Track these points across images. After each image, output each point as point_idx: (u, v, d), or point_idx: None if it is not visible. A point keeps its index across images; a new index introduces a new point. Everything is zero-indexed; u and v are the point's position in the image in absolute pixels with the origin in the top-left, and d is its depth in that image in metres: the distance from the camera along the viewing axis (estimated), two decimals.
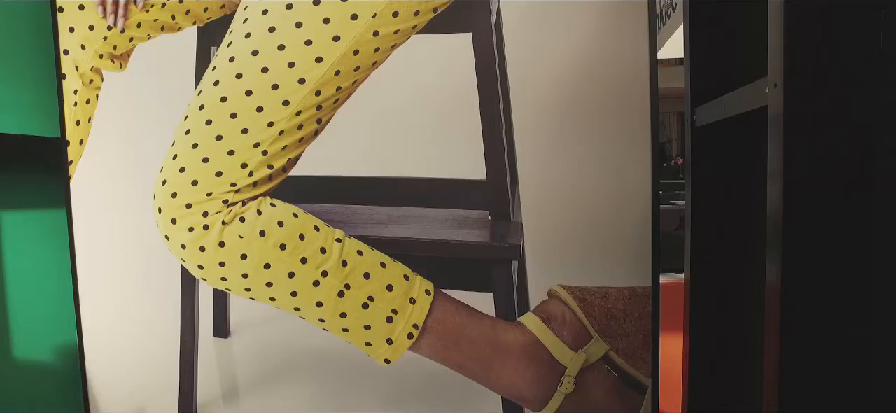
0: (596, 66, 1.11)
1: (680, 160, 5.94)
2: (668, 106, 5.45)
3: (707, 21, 1.14)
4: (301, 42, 1.09)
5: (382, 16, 1.07)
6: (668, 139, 5.72)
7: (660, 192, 1.18)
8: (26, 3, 1.42)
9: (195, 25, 1.21)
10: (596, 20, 1.10)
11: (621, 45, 1.10)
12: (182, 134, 1.16)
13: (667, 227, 2.74)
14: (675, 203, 3.42)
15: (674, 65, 5.44)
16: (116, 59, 1.25)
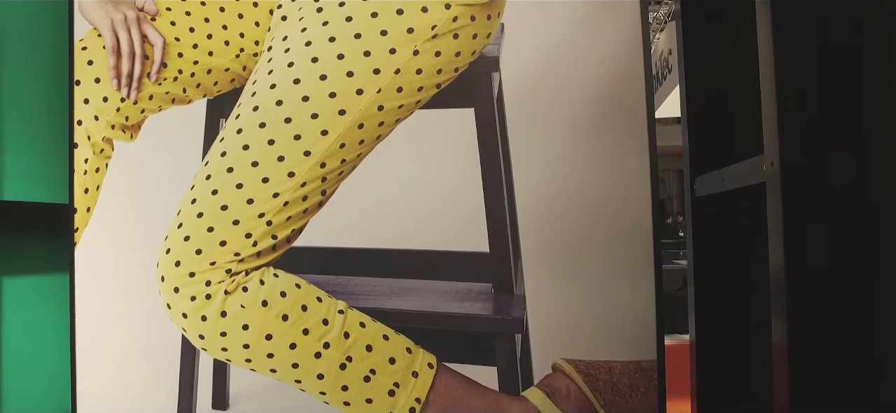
0: (595, 135, 1.13)
1: (680, 219, 5.95)
2: (667, 163, 5.53)
3: (702, 88, 1.17)
4: (307, 115, 1.12)
5: (387, 91, 1.10)
6: (669, 196, 5.75)
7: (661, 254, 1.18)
8: (44, 75, 1.47)
9: (205, 98, 1.24)
10: (595, 91, 1.13)
11: (619, 109, 1.13)
12: (188, 203, 1.17)
13: (670, 287, 2.71)
14: (676, 263, 3.40)
15: (672, 123, 5.53)
16: (127, 130, 1.28)
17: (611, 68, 1.16)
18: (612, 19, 1.16)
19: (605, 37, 1.16)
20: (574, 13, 1.14)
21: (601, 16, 1.15)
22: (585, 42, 1.15)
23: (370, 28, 1.10)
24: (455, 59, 1.11)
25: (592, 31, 1.15)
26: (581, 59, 1.15)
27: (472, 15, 1.11)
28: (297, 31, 1.13)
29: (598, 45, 1.15)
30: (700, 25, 1.19)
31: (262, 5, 1.22)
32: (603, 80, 1.14)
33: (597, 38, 1.14)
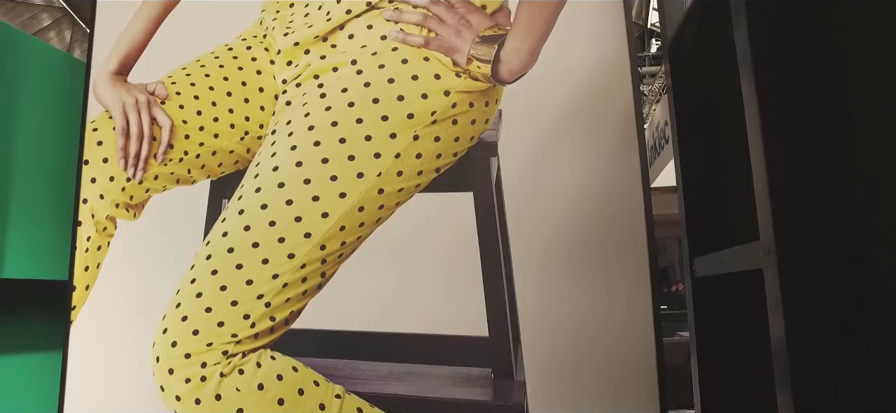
0: (593, 221, 1.14)
1: (681, 286, 5.90)
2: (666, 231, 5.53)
3: (697, 161, 1.19)
4: (308, 198, 1.13)
5: (387, 174, 1.13)
6: (670, 264, 5.73)
7: (663, 324, 1.17)
8: (54, 153, 1.51)
9: (208, 179, 1.27)
10: (592, 176, 1.15)
11: (616, 189, 1.15)
12: (187, 283, 1.17)
13: (674, 359, 2.65)
14: (680, 334, 3.34)
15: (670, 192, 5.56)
16: (131, 209, 1.30)
17: (607, 149, 1.19)
18: (607, 104, 1.20)
19: (601, 119, 1.19)
20: (570, 99, 1.18)
21: (597, 101, 1.19)
22: (582, 125, 1.18)
23: (371, 113, 1.13)
24: (454, 145, 1.14)
25: (589, 115, 1.19)
26: (578, 143, 1.18)
27: (471, 101, 1.14)
28: (300, 116, 1.16)
29: (596, 128, 1.19)
30: (691, 98, 1.24)
31: (267, 90, 1.26)
32: (600, 161, 1.16)
33: (594, 122, 1.18)
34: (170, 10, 1.36)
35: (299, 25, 1.23)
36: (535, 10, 1.14)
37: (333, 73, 1.17)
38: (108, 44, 1.36)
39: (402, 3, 1.18)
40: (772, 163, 0.78)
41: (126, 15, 1.36)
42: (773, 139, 0.79)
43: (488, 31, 1.15)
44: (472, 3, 1.17)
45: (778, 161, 0.78)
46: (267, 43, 1.28)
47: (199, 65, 1.29)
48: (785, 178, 0.77)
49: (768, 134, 0.79)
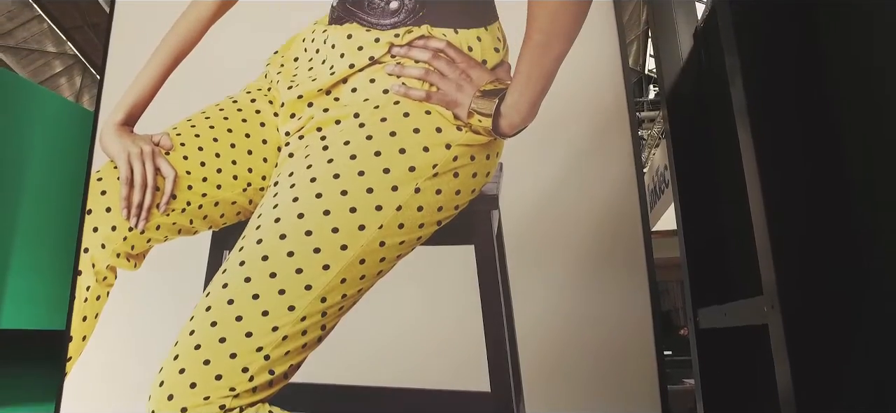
0: (594, 265, 1.14)
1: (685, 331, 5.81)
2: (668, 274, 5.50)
3: (697, 204, 1.20)
4: (310, 249, 1.13)
5: (389, 227, 1.13)
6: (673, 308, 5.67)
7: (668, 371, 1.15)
8: (58, 202, 1.52)
9: (210, 230, 1.27)
10: (594, 228, 1.15)
11: (617, 239, 1.14)
12: (186, 334, 1.16)
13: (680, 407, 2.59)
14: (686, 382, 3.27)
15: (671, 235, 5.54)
16: (132, 259, 1.30)
17: (606, 201, 1.19)
18: (606, 155, 1.21)
19: (601, 170, 1.20)
20: (569, 150, 1.19)
21: (597, 152, 1.20)
22: (583, 178, 1.19)
23: (373, 166, 1.14)
24: (455, 197, 1.15)
25: (589, 167, 1.20)
26: (578, 195, 1.18)
27: (472, 154, 1.16)
28: (302, 168, 1.17)
29: (595, 178, 1.19)
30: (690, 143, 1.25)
31: (270, 143, 1.28)
32: (599, 212, 1.17)
33: (593, 173, 1.19)
34: (178, 63, 1.39)
35: (303, 79, 1.26)
36: (534, 65, 1.16)
37: (336, 125, 1.19)
38: (117, 90, 1.39)
39: (404, 58, 1.21)
40: (772, 217, 0.78)
41: (136, 63, 1.39)
42: (773, 193, 0.79)
43: (489, 85, 1.17)
44: (472, 58, 1.19)
45: (778, 215, 0.78)
46: (271, 95, 1.31)
47: (204, 116, 1.31)
48: (786, 231, 0.77)
49: (767, 188, 0.80)
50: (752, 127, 0.83)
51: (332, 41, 1.26)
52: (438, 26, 1.21)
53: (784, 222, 0.79)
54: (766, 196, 0.80)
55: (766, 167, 0.81)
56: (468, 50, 1.19)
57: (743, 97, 0.86)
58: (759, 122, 0.82)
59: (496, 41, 1.21)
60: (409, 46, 1.21)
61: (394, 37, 1.22)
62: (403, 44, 1.21)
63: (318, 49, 1.27)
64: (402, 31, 1.22)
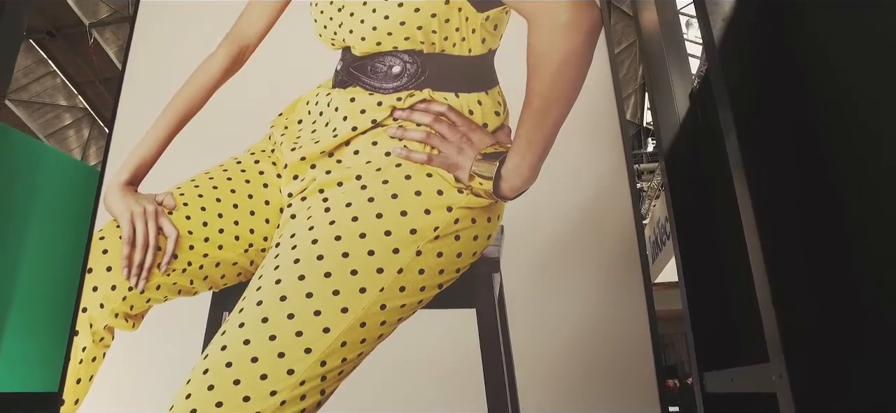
0: (597, 330, 1.12)
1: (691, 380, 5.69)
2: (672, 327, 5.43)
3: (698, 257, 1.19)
4: (310, 312, 1.12)
5: (390, 290, 1.12)
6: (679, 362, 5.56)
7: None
8: (57, 261, 1.52)
9: (210, 291, 1.27)
10: (595, 289, 1.14)
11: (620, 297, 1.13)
12: (182, 399, 1.13)
13: None
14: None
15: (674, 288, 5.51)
16: (131, 319, 1.29)
17: (608, 258, 1.18)
18: (607, 214, 1.21)
19: (601, 233, 1.20)
20: (571, 212, 1.20)
21: (597, 213, 1.21)
22: (584, 237, 1.19)
23: (375, 228, 1.14)
24: (457, 260, 1.15)
25: (590, 227, 1.20)
26: (580, 253, 1.18)
27: (473, 217, 1.16)
28: (304, 229, 1.18)
29: (596, 237, 1.19)
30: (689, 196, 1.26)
31: (273, 204, 1.29)
32: (602, 270, 1.16)
33: (594, 237, 1.19)
34: (184, 125, 1.42)
35: (306, 141, 1.28)
36: (534, 129, 1.18)
37: (338, 187, 1.20)
38: (124, 147, 1.41)
39: (406, 121, 1.23)
40: (773, 277, 0.78)
41: (145, 121, 1.42)
42: (772, 250, 0.79)
43: (490, 148, 1.19)
44: (473, 122, 1.21)
45: (779, 274, 0.78)
46: (275, 157, 1.32)
47: (208, 177, 1.33)
48: (787, 289, 0.77)
49: (766, 244, 0.80)
50: (749, 181, 0.84)
51: (335, 104, 1.29)
52: (440, 90, 1.24)
53: (785, 281, 0.78)
54: (766, 252, 0.80)
55: (764, 224, 0.81)
56: (469, 113, 1.21)
57: (738, 151, 0.87)
58: (756, 176, 0.84)
59: (497, 105, 1.23)
60: (411, 110, 1.23)
61: (396, 100, 1.24)
62: (405, 107, 1.24)
63: (321, 111, 1.30)
64: (404, 95, 1.25)
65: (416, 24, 1.28)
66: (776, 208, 0.81)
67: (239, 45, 1.45)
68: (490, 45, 1.28)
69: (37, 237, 1.53)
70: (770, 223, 0.80)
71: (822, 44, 0.87)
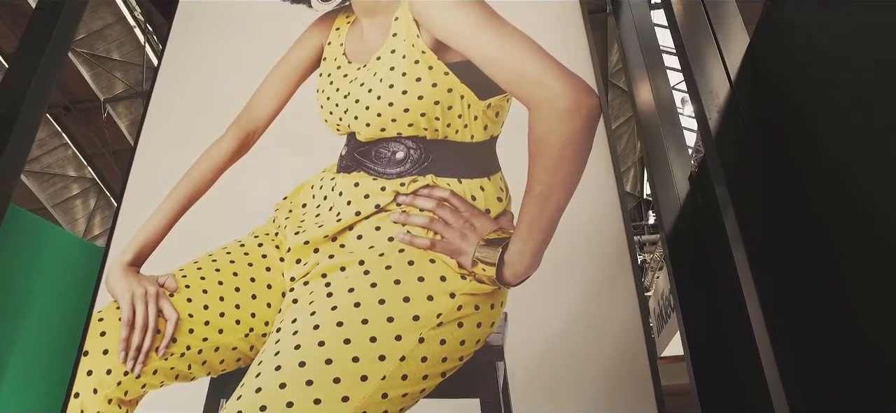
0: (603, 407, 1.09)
1: None
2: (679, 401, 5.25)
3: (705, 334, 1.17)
4: (310, 400, 1.09)
5: (392, 378, 1.10)
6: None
7: None
8: (54, 343, 1.49)
9: (208, 376, 1.24)
10: (602, 381, 1.11)
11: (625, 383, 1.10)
12: None
13: None
14: None
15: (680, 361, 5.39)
16: (124, 405, 1.25)
17: (612, 345, 1.16)
18: (611, 305, 1.20)
19: (606, 320, 1.18)
20: (576, 298, 1.19)
21: (602, 300, 1.20)
22: (589, 325, 1.18)
23: (377, 314, 1.13)
24: (460, 348, 1.13)
25: (595, 314, 1.19)
26: (583, 341, 1.16)
27: (476, 304, 1.15)
28: (306, 315, 1.17)
29: (601, 333, 1.17)
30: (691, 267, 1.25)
31: (275, 288, 1.28)
32: (609, 367, 1.14)
33: (599, 325, 1.17)
34: (190, 207, 1.44)
35: (310, 225, 1.29)
36: (536, 215, 1.19)
37: (341, 272, 1.20)
38: (131, 222, 1.42)
39: (409, 206, 1.25)
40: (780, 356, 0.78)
41: (152, 198, 1.44)
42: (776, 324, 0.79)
43: (492, 234, 1.19)
44: (476, 208, 1.23)
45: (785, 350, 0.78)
46: (278, 240, 1.33)
47: (211, 259, 1.33)
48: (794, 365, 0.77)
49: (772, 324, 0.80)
50: (748, 253, 0.87)
51: (339, 189, 1.31)
52: (443, 176, 1.26)
53: (791, 355, 0.79)
54: (770, 328, 0.81)
55: (765, 294, 0.82)
56: (472, 199, 1.23)
57: (736, 225, 0.91)
58: (754, 247, 0.87)
59: (499, 191, 1.25)
60: (414, 195, 1.25)
61: (399, 186, 1.26)
62: (409, 192, 1.25)
63: (325, 196, 1.32)
64: (407, 181, 1.27)
65: (419, 110, 1.32)
66: (778, 285, 0.82)
67: (247, 130, 1.49)
68: (492, 131, 1.31)
69: (35, 317, 1.51)
70: (772, 301, 0.81)
71: (812, 128, 0.91)
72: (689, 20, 1.23)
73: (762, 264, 0.85)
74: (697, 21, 1.21)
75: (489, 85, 1.33)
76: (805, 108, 0.96)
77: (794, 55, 1.01)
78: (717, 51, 1.16)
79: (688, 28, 1.21)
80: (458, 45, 1.39)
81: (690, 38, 1.17)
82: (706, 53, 1.15)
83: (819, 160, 0.88)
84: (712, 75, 1.11)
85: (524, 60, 1.35)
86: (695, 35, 1.18)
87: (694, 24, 1.21)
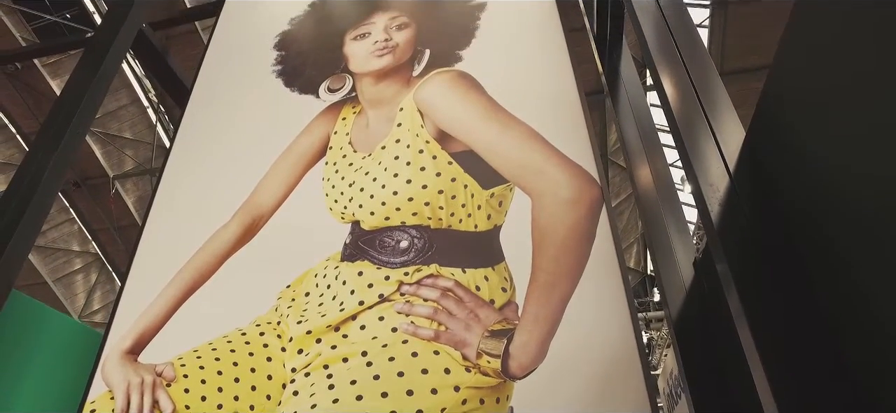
0: None
1: None
2: None
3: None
4: None
5: None
6: None
7: None
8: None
9: None
10: None
11: None
12: None
13: None
14: None
15: None
16: None
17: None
18: (618, 391, 1.16)
19: (613, 407, 1.14)
20: (582, 392, 1.15)
21: (608, 393, 1.16)
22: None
23: (380, 407, 1.10)
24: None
25: (601, 402, 1.15)
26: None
27: (481, 397, 1.12)
28: (307, 407, 1.13)
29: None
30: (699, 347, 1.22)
31: (275, 379, 1.25)
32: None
33: (606, 410, 1.13)
34: (191, 294, 1.43)
35: (313, 314, 1.27)
36: (542, 306, 1.18)
37: (343, 364, 1.18)
38: (134, 304, 1.40)
39: (413, 296, 1.24)
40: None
41: (156, 280, 1.43)
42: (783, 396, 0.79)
43: (497, 325, 1.18)
44: (480, 298, 1.21)
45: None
46: (280, 330, 1.31)
47: (211, 348, 1.31)
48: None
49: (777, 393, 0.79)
50: (752, 328, 0.88)
51: (343, 277, 1.30)
52: (447, 265, 1.26)
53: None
54: None
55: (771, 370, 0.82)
56: (476, 289, 1.22)
57: (742, 314, 0.92)
58: (757, 323, 0.88)
59: (503, 281, 1.24)
60: (418, 285, 1.24)
61: (403, 275, 1.26)
62: (413, 282, 1.25)
63: (329, 285, 1.31)
64: (411, 270, 1.27)
65: (423, 200, 1.34)
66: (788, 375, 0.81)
67: (253, 216, 1.51)
68: (495, 221, 1.32)
69: (27, 404, 1.47)
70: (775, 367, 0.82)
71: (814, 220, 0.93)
72: (683, 110, 1.26)
73: (770, 352, 0.85)
74: (692, 110, 1.25)
75: (492, 174, 1.36)
76: (805, 202, 0.98)
77: (791, 149, 1.03)
78: (713, 142, 1.19)
79: (683, 117, 1.24)
80: (461, 134, 1.43)
81: (687, 128, 1.20)
82: (703, 145, 1.18)
83: (828, 256, 0.88)
84: (711, 167, 1.13)
85: (526, 150, 1.38)
86: (691, 126, 1.21)
87: (688, 114, 1.24)
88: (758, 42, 5.77)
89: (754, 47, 5.85)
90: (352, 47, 1.82)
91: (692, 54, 1.31)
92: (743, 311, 0.94)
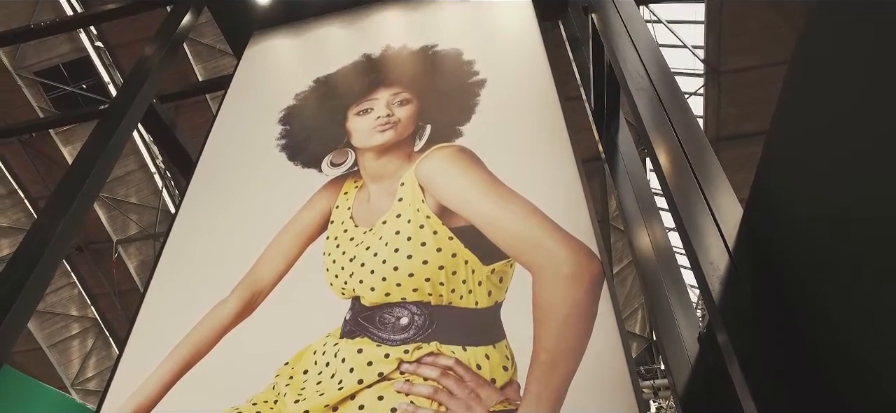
0: None
1: None
2: None
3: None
4: None
5: None
6: None
7: None
8: None
9: None
10: None
11: None
12: None
13: None
14: None
15: None
16: None
17: None
18: None
19: None
20: None
21: None
22: None
23: None
24: None
25: None
26: None
27: None
28: None
29: None
30: None
31: None
32: None
33: None
34: (190, 369, 1.40)
35: (310, 393, 1.24)
36: (544, 385, 1.15)
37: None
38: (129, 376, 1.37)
39: (413, 375, 1.21)
40: None
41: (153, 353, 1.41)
42: None
43: (498, 405, 1.15)
44: (481, 377, 1.19)
45: None
46: (277, 409, 1.28)
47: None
48: None
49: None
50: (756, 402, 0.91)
51: (342, 355, 1.28)
52: (447, 343, 1.24)
53: None
54: None
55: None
56: (477, 368, 1.20)
57: (740, 375, 0.95)
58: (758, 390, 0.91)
59: (505, 359, 1.22)
60: (418, 363, 1.22)
61: (403, 353, 1.24)
62: (413, 360, 1.23)
63: (328, 362, 1.29)
64: (411, 348, 1.25)
65: (424, 275, 1.34)
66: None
67: (252, 291, 1.50)
68: (496, 297, 1.31)
69: None
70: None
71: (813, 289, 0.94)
72: (681, 188, 1.28)
73: None
74: (689, 188, 1.26)
75: (493, 250, 1.36)
76: (804, 274, 0.98)
77: (788, 223, 1.04)
78: (712, 219, 1.20)
79: (681, 197, 1.25)
80: (461, 209, 1.44)
81: (685, 208, 1.22)
82: (702, 223, 1.18)
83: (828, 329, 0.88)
84: (711, 247, 1.14)
85: (526, 225, 1.39)
86: (689, 205, 1.22)
87: (686, 192, 1.26)
88: (753, 109, 5.90)
89: (749, 114, 5.97)
90: (355, 122, 1.87)
91: (687, 133, 1.34)
92: (746, 386, 0.94)
